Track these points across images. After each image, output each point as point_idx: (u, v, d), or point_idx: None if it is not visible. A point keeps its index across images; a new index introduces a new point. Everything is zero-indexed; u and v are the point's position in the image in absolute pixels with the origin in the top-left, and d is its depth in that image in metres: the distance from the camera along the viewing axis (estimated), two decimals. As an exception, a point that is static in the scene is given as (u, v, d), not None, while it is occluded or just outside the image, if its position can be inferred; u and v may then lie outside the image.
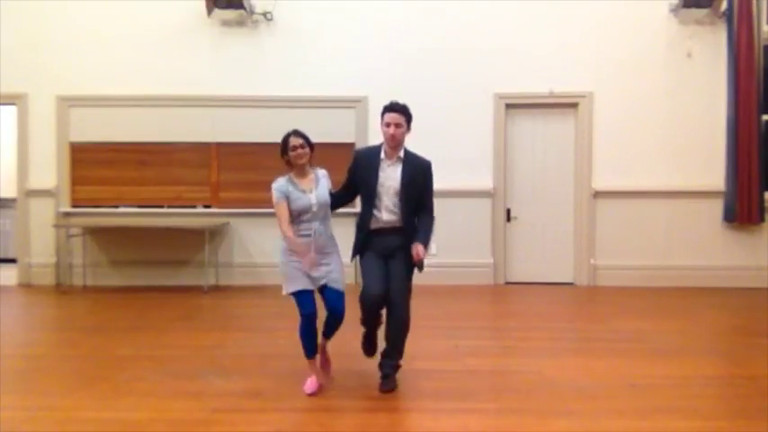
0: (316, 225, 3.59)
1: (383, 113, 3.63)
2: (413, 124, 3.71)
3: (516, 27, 7.09)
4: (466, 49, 7.09)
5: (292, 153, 3.60)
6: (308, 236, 3.58)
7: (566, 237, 7.21)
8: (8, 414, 3.30)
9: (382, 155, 3.66)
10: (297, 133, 3.64)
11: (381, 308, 3.63)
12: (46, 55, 7.16)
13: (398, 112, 3.59)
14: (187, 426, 3.17)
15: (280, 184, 3.63)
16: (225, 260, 7.21)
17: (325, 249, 3.64)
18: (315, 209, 3.58)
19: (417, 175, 3.64)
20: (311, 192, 3.61)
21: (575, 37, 7.04)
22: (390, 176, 3.62)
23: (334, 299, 3.60)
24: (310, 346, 3.65)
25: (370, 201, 3.65)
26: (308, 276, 3.56)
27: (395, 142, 3.61)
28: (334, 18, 7.15)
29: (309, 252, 3.53)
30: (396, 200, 3.61)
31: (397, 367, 3.74)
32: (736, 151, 6.83)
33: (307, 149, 3.63)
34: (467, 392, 3.64)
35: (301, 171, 3.65)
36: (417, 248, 3.52)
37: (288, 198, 3.57)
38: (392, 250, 3.63)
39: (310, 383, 3.66)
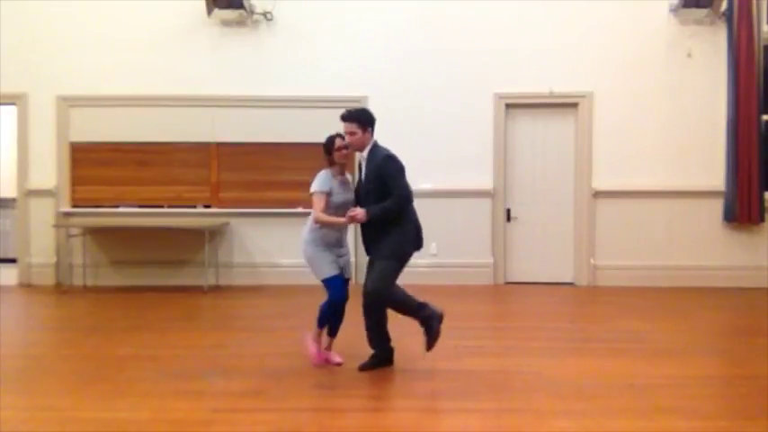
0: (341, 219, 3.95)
1: None
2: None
3: (516, 27, 7.08)
4: (466, 48, 7.08)
5: (337, 153, 3.96)
6: (337, 229, 3.97)
7: (566, 237, 7.21)
8: (8, 414, 3.29)
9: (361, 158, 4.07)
10: (342, 137, 3.98)
11: (366, 300, 3.93)
12: (46, 55, 7.16)
13: (347, 120, 3.93)
14: (187, 426, 3.17)
15: (325, 177, 3.96)
16: (225, 260, 7.20)
17: (343, 241, 4.08)
18: (350, 205, 3.94)
19: (373, 170, 3.91)
20: (348, 191, 4.03)
21: (575, 37, 7.04)
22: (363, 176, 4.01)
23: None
24: (333, 325, 4.07)
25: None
26: (336, 263, 3.97)
27: (354, 148, 3.99)
28: (334, 18, 7.15)
29: (345, 218, 3.87)
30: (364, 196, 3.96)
31: (424, 322, 3.92)
32: (736, 151, 6.83)
33: (347, 153, 4.02)
34: (467, 392, 3.64)
35: (339, 170, 4.01)
36: (357, 210, 3.83)
37: (329, 192, 3.91)
38: (369, 246, 3.96)
39: (318, 353, 4.05)
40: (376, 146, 3.97)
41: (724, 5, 6.80)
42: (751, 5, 6.77)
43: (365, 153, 3.96)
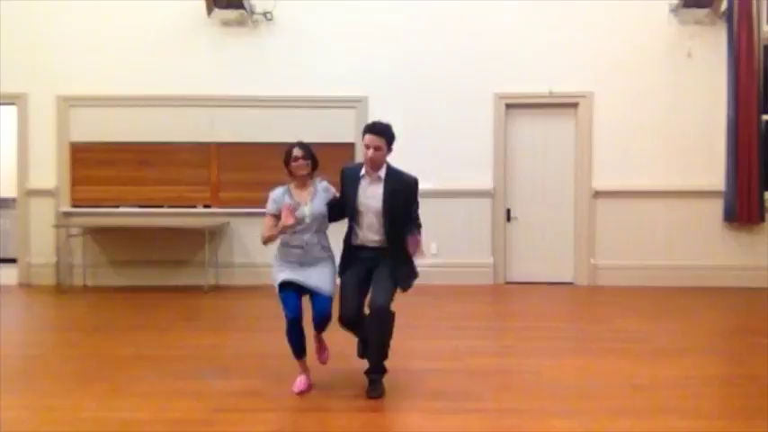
0: (307, 236, 3.63)
1: (364, 133, 3.58)
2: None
3: (516, 27, 7.08)
4: (466, 49, 7.08)
5: (293, 164, 3.65)
6: (300, 246, 3.63)
7: (566, 237, 7.20)
8: (8, 414, 3.30)
9: (362, 172, 3.65)
10: (301, 145, 3.70)
11: (357, 326, 3.68)
12: (46, 55, 7.15)
13: (378, 134, 3.53)
14: (187, 426, 3.17)
15: (276, 194, 3.69)
16: (225, 260, 7.20)
17: (318, 260, 3.69)
18: (308, 221, 3.62)
19: (399, 193, 3.60)
20: (306, 204, 3.64)
21: (575, 37, 7.04)
22: (370, 195, 3.61)
23: (320, 304, 3.63)
24: (297, 347, 3.66)
25: (352, 218, 3.69)
26: (294, 272, 3.61)
27: (373, 165, 3.58)
28: (335, 18, 7.15)
29: (287, 214, 3.51)
30: (376, 219, 3.60)
31: (382, 371, 3.68)
32: (736, 151, 6.83)
33: (307, 162, 3.67)
34: (467, 392, 3.64)
35: (301, 182, 3.70)
36: (415, 240, 3.53)
37: (281, 210, 3.58)
38: (375, 264, 3.63)
39: (299, 383, 3.70)
40: (391, 167, 3.66)
41: (724, 5, 6.80)
42: (751, 5, 6.77)
43: (382, 173, 3.60)
